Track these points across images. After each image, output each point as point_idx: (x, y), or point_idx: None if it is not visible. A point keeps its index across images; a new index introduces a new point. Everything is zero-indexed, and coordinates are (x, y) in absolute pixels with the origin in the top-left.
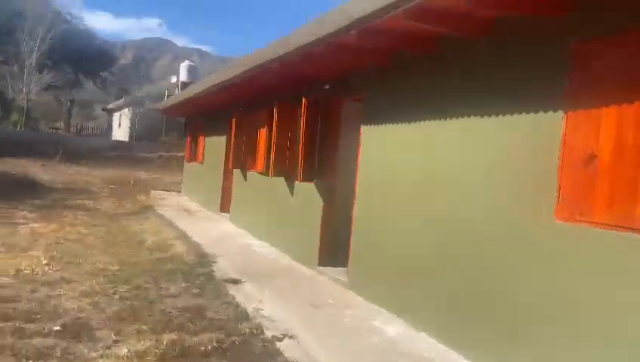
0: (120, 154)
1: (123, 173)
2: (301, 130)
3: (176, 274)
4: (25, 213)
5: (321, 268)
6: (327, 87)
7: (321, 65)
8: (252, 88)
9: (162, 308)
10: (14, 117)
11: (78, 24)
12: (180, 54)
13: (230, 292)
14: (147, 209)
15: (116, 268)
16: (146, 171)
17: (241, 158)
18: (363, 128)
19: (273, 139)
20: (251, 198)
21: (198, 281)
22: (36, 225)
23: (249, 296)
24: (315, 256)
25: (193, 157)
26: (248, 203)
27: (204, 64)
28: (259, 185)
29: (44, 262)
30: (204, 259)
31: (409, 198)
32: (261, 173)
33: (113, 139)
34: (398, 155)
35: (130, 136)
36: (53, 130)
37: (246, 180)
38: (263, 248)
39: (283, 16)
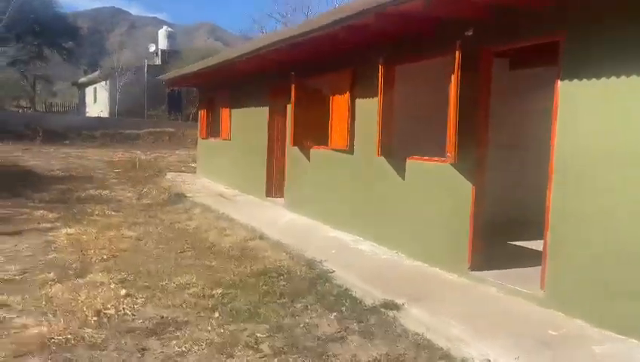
0: (105, 132)
1: (118, 153)
2: (452, 92)
3: (303, 296)
4: (42, 212)
5: (476, 273)
6: (469, 33)
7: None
8: (322, 48)
9: None
10: None
11: None
12: (137, 23)
13: (408, 327)
14: (178, 197)
15: (218, 292)
16: (140, 150)
17: (302, 133)
18: (562, 84)
19: (379, 110)
20: (323, 181)
21: (344, 308)
22: (69, 230)
23: (444, 333)
24: (464, 257)
25: (213, 133)
26: (317, 187)
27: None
28: (336, 166)
29: (122, 292)
30: (315, 269)
31: None
32: (341, 151)
33: (87, 115)
34: None
35: (111, 112)
36: (21, 109)
37: (310, 160)
38: (362, 245)
39: None
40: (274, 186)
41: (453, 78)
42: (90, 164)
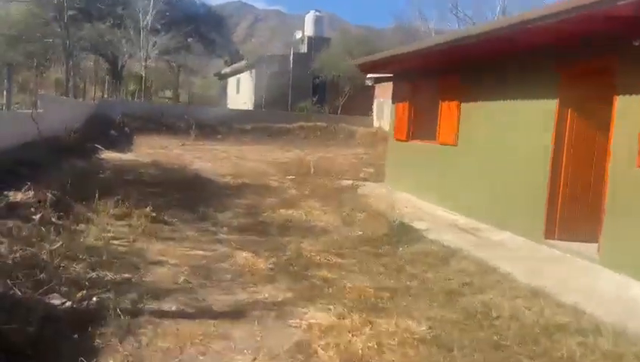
0: (255, 125)
1: (278, 151)
2: None
3: None
4: (245, 255)
5: None
6: None
7: None
8: None
9: None
10: (130, 86)
11: None
12: (260, 16)
13: None
14: (404, 229)
15: None
16: (296, 147)
17: None
18: None
19: None
20: None
21: None
22: (316, 315)
23: None
24: None
25: (419, 134)
26: None
27: (282, 24)
28: None
29: None
30: None
31: None
32: None
33: (229, 107)
34: None
35: (256, 103)
36: (166, 100)
37: None
38: None
39: None
40: (561, 223)
41: None
42: (256, 166)
